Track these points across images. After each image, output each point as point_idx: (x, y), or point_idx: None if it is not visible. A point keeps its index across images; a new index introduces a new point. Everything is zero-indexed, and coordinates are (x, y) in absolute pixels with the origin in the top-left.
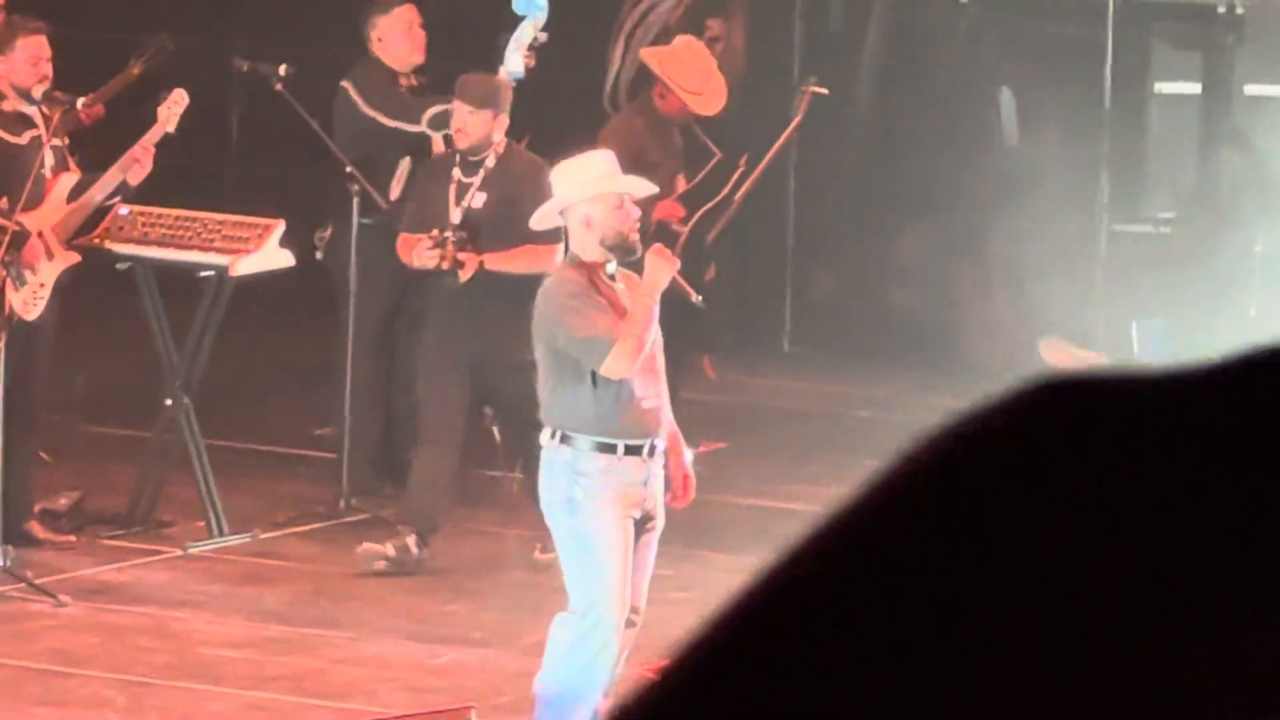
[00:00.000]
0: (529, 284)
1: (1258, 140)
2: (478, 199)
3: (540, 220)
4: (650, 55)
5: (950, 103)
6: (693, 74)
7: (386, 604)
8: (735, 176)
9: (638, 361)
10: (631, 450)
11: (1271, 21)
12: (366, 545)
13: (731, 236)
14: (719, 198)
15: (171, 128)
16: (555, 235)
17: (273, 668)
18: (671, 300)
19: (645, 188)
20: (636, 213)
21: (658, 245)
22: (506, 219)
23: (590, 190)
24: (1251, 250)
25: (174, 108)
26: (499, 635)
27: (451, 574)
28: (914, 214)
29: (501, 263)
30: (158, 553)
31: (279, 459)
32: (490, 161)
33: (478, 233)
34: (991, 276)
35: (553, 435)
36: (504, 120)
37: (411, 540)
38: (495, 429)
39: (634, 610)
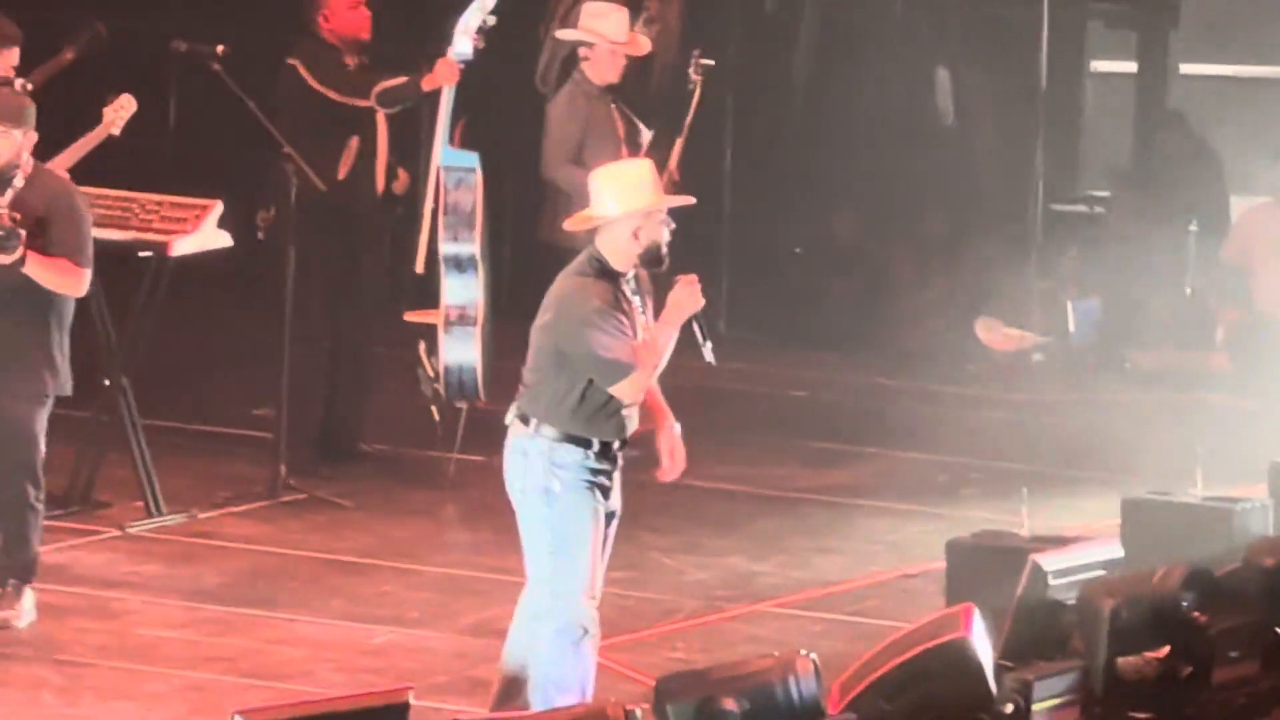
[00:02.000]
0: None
1: (1192, 119)
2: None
3: (576, 223)
4: (566, 32)
5: (885, 83)
6: (611, 23)
7: (323, 584)
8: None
9: (648, 384)
10: (605, 447)
11: (1206, 0)
12: None
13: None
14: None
15: (116, 131)
16: (86, 259)
17: (210, 648)
18: None
19: (685, 201)
20: (671, 225)
21: (690, 276)
22: (36, 237)
23: (648, 205)
24: (1186, 229)
25: (121, 111)
26: (435, 616)
27: (387, 554)
28: (850, 195)
29: (39, 266)
30: (96, 533)
31: (217, 439)
32: (19, 182)
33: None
34: (927, 257)
35: (526, 421)
36: (33, 136)
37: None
38: (434, 408)
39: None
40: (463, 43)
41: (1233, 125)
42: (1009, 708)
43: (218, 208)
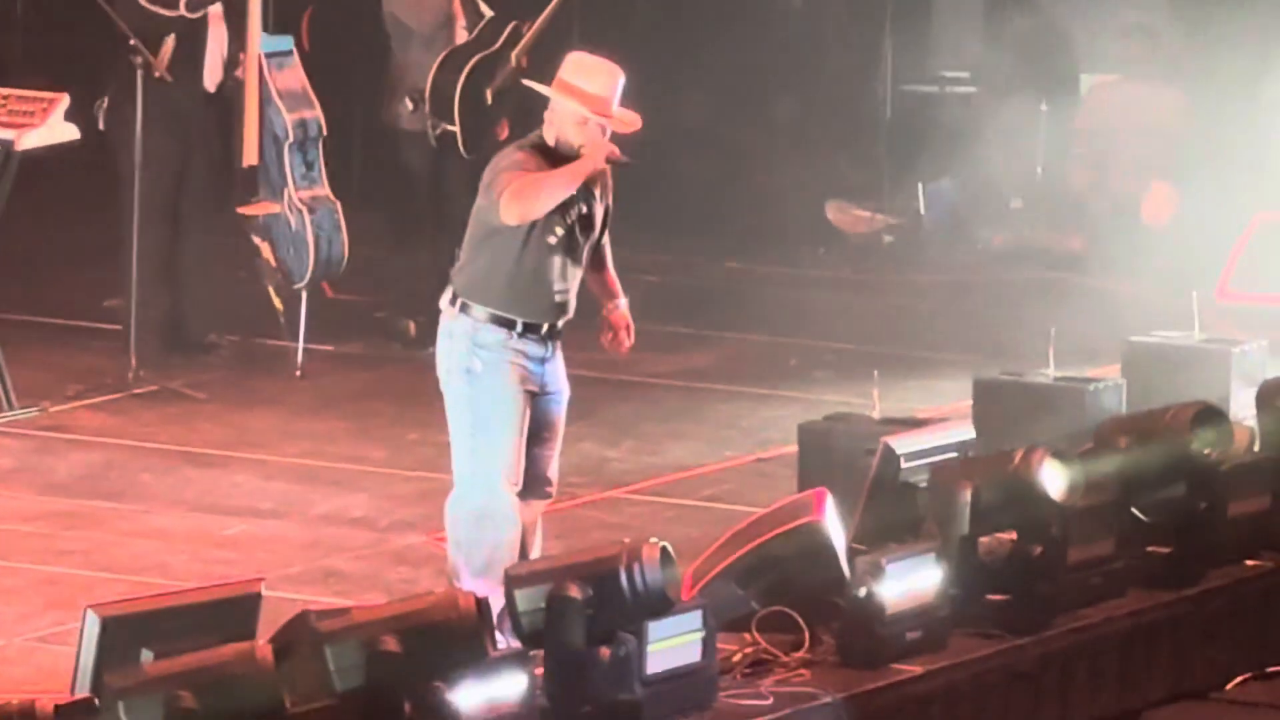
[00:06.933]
0: None
1: None
2: None
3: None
4: None
5: None
6: None
7: (176, 476)
8: (507, 32)
9: (531, 208)
10: (530, 328)
11: None
12: None
13: (517, 103)
14: (488, 50)
15: None
16: None
17: (64, 541)
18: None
19: (635, 123)
20: (624, 160)
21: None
22: None
23: (607, 115)
24: (1038, 109)
25: None
26: (287, 506)
27: (239, 446)
28: (699, 80)
29: None
30: None
31: (67, 332)
32: None
33: None
34: (776, 140)
35: (453, 302)
36: None
37: None
38: (277, 299)
39: (548, 482)
40: None
41: (1081, 1)
42: (862, 591)
43: (64, 101)
